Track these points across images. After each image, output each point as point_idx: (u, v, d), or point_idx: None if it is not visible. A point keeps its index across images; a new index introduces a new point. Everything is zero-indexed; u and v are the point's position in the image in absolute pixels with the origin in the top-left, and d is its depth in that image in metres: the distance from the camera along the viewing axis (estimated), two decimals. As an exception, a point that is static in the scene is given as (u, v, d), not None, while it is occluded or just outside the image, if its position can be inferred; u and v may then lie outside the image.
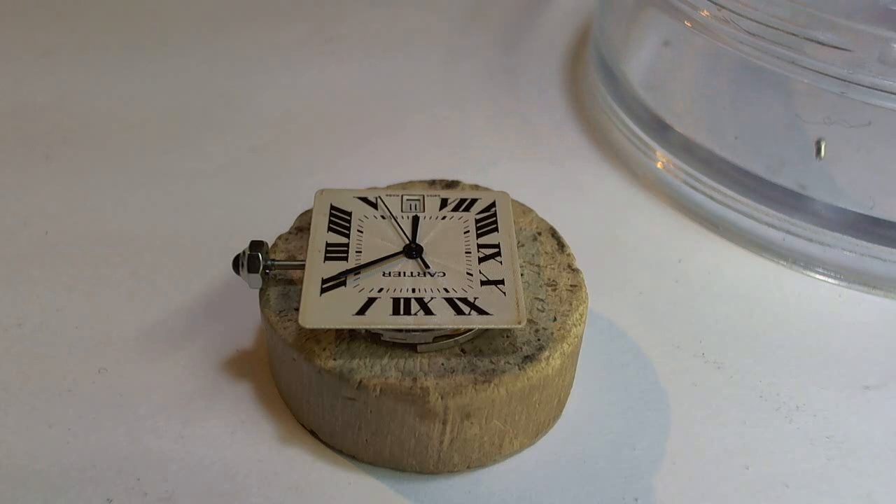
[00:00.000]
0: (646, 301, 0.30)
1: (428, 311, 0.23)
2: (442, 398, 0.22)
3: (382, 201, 0.27)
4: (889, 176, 0.32)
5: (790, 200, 0.31)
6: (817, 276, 0.31)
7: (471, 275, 0.24)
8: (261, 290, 0.25)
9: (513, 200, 0.28)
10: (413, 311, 0.23)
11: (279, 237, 0.27)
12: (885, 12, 0.30)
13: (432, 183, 0.29)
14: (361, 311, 0.23)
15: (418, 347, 0.23)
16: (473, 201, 0.27)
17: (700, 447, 0.25)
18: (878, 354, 0.28)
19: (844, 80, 0.29)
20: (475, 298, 0.23)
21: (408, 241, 0.25)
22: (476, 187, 0.28)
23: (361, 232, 0.26)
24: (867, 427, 0.26)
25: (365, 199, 0.27)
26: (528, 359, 0.23)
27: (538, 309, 0.25)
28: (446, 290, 0.24)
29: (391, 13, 0.45)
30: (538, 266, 0.26)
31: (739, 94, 0.36)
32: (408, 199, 0.27)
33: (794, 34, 0.29)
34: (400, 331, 0.23)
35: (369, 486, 0.24)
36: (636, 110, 0.36)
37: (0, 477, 0.24)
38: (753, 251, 0.32)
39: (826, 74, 0.29)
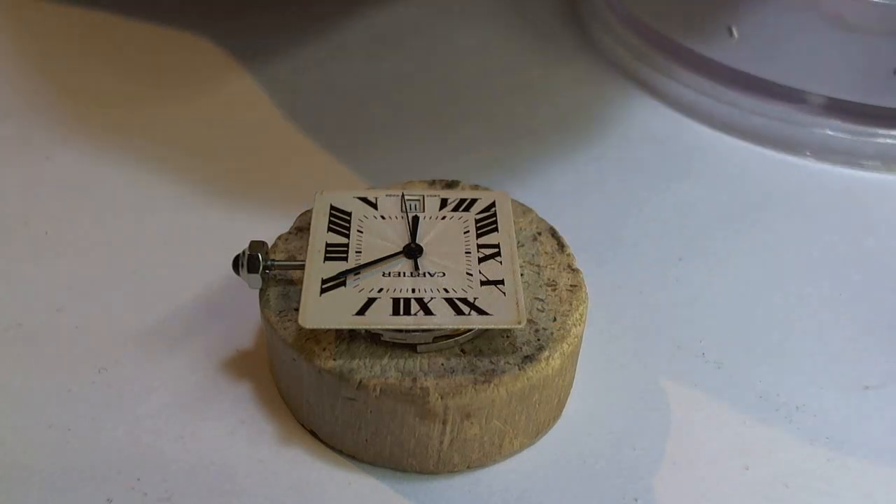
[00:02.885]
0: (646, 301, 0.30)
1: (428, 312, 0.23)
2: (442, 398, 0.22)
3: (382, 201, 0.27)
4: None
5: None
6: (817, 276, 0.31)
7: (471, 275, 0.24)
8: (261, 290, 0.25)
9: (513, 200, 0.28)
10: (413, 312, 0.23)
11: (279, 237, 0.27)
12: None
13: (432, 183, 0.29)
14: (361, 312, 0.23)
15: (418, 347, 0.23)
16: (473, 201, 0.27)
17: (700, 447, 0.25)
18: (878, 354, 0.28)
19: None
20: (475, 298, 0.23)
21: (408, 242, 0.25)
22: (476, 187, 0.28)
23: (361, 232, 0.26)
24: (867, 427, 0.26)
25: (365, 199, 0.27)
26: (528, 359, 0.23)
27: (538, 309, 0.25)
28: (446, 291, 0.24)
29: (392, 12, 0.45)
30: (538, 266, 0.26)
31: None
32: (408, 199, 0.27)
33: None
34: (400, 331, 0.23)
35: (369, 486, 0.24)
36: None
37: (0, 477, 0.24)
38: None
39: None
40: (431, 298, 0.23)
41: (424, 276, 0.24)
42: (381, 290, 0.24)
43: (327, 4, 0.46)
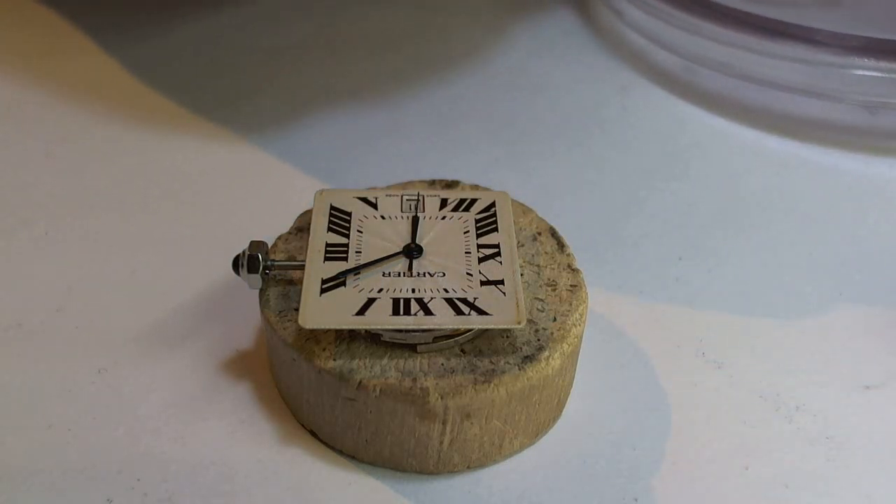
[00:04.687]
0: (646, 301, 0.30)
1: (428, 312, 0.23)
2: (442, 398, 0.22)
3: (382, 201, 0.27)
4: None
5: None
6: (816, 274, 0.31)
7: (471, 275, 0.24)
8: (261, 290, 0.25)
9: (513, 200, 0.28)
10: (413, 312, 0.23)
11: (279, 237, 0.27)
12: None
13: (432, 183, 0.29)
14: (361, 312, 0.23)
15: (418, 348, 0.23)
16: (473, 201, 0.27)
17: (700, 447, 0.25)
18: (878, 354, 0.28)
19: None
20: (475, 298, 0.23)
21: (408, 242, 0.25)
22: (476, 187, 0.28)
23: (361, 232, 0.26)
24: (867, 427, 0.26)
25: (365, 199, 0.27)
26: (528, 359, 0.23)
27: (538, 309, 0.25)
28: (446, 291, 0.24)
29: (392, 12, 0.45)
30: (538, 266, 0.26)
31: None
32: (408, 199, 0.27)
33: None
34: (400, 331, 0.23)
35: (369, 486, 0.24)
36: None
37: (0, 477, 0.24)
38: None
39: None
40: (431, 298, 0.23)
41: (424, 276, 0.24)
42: (380, 291, 0.24)
43: (324, 4, 0.46)
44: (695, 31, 0.38)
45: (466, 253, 0.25)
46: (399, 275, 0.24)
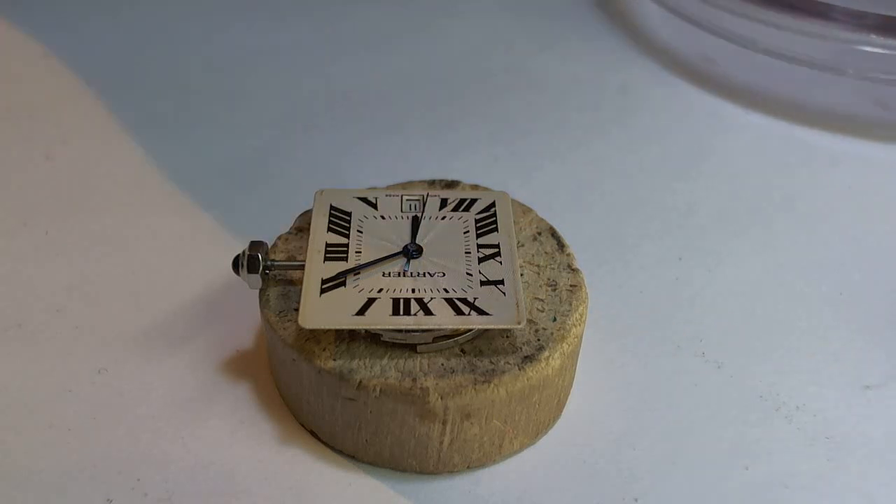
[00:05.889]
0: (646, 301, 0.30)
1: (428, 312, 0.23)
2: (442, 398, 0.22)
3: (382, 201, 0.27)
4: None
5: None
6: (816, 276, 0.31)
7: (470, 275, 0.24)
8: (261, 290, 0.25)
9: (513, 200, 0.28)
10: (413, 312, 0.23)
11: (279, 237, 0.27)
12: None
13: (432, 183, 0.29)
14: (361, 312, 0.23)
15: (418, 348, 0.23)
16: (473, 201, 0.27)
17: (700, 447, 0.25)
18: (878, 354, 0.28)
19: None
20: (475, 299, 0.23)
21: (407, 242, 0.25)
22: (476, 187, 0.28)
23: (361, 232, 0.26)
24: (867, 427, 0.26)
25: (365, 199, 0.27)
26: (528, 359, 0.23)
27: (538, 309, 0.25)
28: (446, 291, 0.24)
29: (392, 11, 0.45)
30: (538, 266, 0.26)
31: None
32: (408, 199, 0.27)
33: None
34: (400, 331, 0.23)
35: (369, 486, 0.24)
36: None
37: (0, 477, 0.24)
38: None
39: None
40: (431, 298, 0.23)
41: (424, 276, 0.24)
42: (380, 291, 0.24)
43: (324, 2, 0.46)
44: (697, 25, 0.38)
45: (466, 253, 0.25)
46: (399, 275, 0.24)
